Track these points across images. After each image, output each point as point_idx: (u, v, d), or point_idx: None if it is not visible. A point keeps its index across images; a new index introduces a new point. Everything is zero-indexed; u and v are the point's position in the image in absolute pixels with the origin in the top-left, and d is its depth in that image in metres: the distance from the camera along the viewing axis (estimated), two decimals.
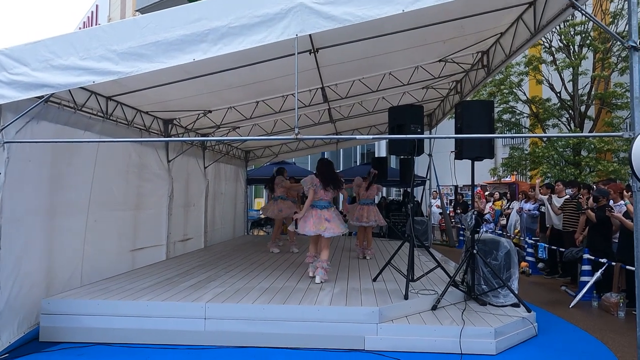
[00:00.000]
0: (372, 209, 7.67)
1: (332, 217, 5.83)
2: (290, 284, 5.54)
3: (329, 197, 5.95)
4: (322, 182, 5.86)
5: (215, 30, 3.68)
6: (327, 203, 5.91)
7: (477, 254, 5.25)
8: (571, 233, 7.51)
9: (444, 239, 14.34)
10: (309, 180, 5.98)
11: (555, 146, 13.15)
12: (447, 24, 5.45)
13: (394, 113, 5.72)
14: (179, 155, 8.05)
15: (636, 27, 3.40)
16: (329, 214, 5.84)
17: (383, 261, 6.28)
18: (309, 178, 6.01)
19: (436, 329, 4.38)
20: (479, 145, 5.07)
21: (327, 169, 6.00)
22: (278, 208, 8.35)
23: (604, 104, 13.66)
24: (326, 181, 5.87)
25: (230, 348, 4.35)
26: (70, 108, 5.16)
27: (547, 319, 5.46)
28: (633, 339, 4.05)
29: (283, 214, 8.37)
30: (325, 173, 5.94)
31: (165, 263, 7.16)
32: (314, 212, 5.83)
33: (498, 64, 6.67)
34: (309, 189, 5.90)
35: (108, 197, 6.03)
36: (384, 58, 6.56)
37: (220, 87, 6.46)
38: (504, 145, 19.48)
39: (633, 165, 2.88)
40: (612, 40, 12.62)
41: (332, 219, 5.82)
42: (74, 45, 3.79)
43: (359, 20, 3.61)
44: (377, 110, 9.68)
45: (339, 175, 6.20)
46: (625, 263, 5.82)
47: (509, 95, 14.62)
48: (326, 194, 5.90)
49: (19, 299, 4.40)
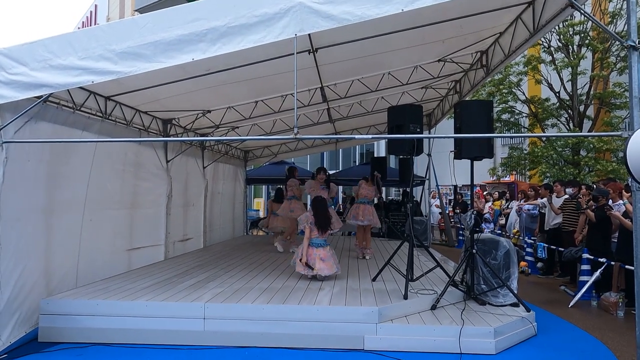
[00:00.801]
0: (367, 208, 7.67)
1: (327, 257, 5.85)
2: (290, 284, 5.53)
3: (324, 236, 5.97)
4: (317, 223, 5.90)
5: (214, 30, 3.67)
6: (322, 241, 5.93)
7: (476, 253, 5.25)
8: (571, 233, 7.52)
9: (444, 238, 14.34)
10: (304, 218, 6.08)
11: (554, 146, 13.16)
12: (446, 24, 5.45)
13: (393, 113, 5.72)
14: (177, 155, 8.04)
15: (635, 26, 3.40)
16: (324, 253, 5.85)
17: (382, 261, 6.28)
18: (304, 216, 6.09)
19: (435, 328, 4.38)
20: (478, 145, 5.07)
21: (322, 208, 6.00)
22: (289, 208, 8.35)
23: (602, 103, 13.67)
24: (320, 223, 5.90)
25: (229, 348, 4.35)
26: (69, 108, 5.15)
27: (546, 319, 5.46)
28: (632, 338, 4.05)
29: (294, 214, 8.34)
30: (319, 214, 5.95)
31: (164, 263, 7.16)
32: (310, 251, 5.85)
33: (497, 64, 6.67)
34: (304, 226, 5.97)
35: (105, 197, 6.02)
36: (383, 57, 6.56)
37: (219, 87, 6.45)
38: (503, 145, 19.49)
39: (628, 164, 2.88)
40: (611, 39, 12.63)
41: (327, 258, 5.84)
42: (72, 45, 3.78)
43: (358, 19, 3.60)
44: (376, 110, 9.68)
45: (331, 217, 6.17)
46: (624, 263, 5.82)
47: (508, 95, 14.63)
48: (322, 235, 5.92)
49: (19, 299, 4.39)
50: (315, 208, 5.99)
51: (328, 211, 6.18)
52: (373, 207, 7.87)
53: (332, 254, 5.95)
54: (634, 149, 2.85)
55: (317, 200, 6.08)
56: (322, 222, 5.92)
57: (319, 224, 5.89)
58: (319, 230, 5.90)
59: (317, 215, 5.93)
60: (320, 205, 6.02)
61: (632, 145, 2.88)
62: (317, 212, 5.95)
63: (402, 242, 6.06)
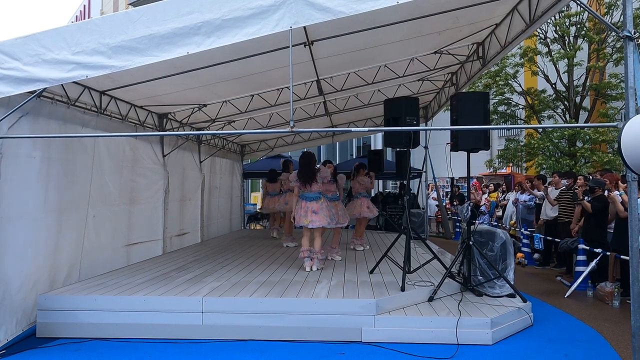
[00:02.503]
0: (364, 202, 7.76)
1: (320, 209, 5.89)
2: (288, 277, 5.55)
3: (317, 189, 6.00)
4: (299, 174, 6.01)
5: (208, 23, 3.64)
6: (316, 194, 5.97)
7: (473, 245, 5.28)
8: (567, 224, 7.55)
9: (440, 230, 14.39)
10: (291, 176, 6.19)
11: (551, 137, 13.19)
12: (441, 15, 5.43)
13: (389, 105, 5.71)
14: (174, 150, 8.01)
15: (631, 17, 3.39)
16: (317, 206, 5.91)
17: (380, 253, 6.30)
18: (292, 174, 6.21)
19: (433, 320, 4.41)
20: (474, 136, 5.07)
21: (305, 162, 6.09)
22: (284, 201, 8.44)
23: (599, 94, 13.68)
24: (301, 175, 5.98)
25: (228, 341, 4.36)
26: (63, 103, 5.12)
27: (542, 309, 5.50)
28: (627, 327, 4.08)
29: (289, 206, 8.37)
30: (302, 167, 6.05)
31: (161, 258, 7.16)
32: (302, 204, 5.97)
33: (493, 56, 6.66)
34: (293, 185, 6.10)
35: (104, 193, 6.02)
36: (379, 50, 6.54)
37: (215, 81, 6.42)
38: (499, 136, 19.51)
39: (623, 154, 2.88)
40: (607, 30, 12.63)
41: (320, 210, 5.88)
42: (65, 39, 3.74)
43: (354, 12, 3.58)
44: (372, 103, 9.66)
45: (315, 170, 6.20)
46: (619, 253, 5.87)
47: (505, 86, 14.62)
48: (313, 187, 5.96)
49: (18, 296, 4.39)
50: (299, 162, 6.14)
51: (312, 165, 6.16)
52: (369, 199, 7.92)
53: (326, 207, 5.98)
54: (627, 139, 2.86)
55: (303, 155, 6.20)
56: (303, 175, 5.97)
57: (300, 175, 5.98)
58: (301, 183, 5.97)
59: (300, 168, 6.06)
60: (304, 160, 6.11)
61: (625, 135, 2.89)
62: (300, 165, 6.09)
63: (400, 234, 6.08)
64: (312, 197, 5.97)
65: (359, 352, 4.11)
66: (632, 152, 2.82)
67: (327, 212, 5.94)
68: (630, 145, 2.83)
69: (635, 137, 2.79)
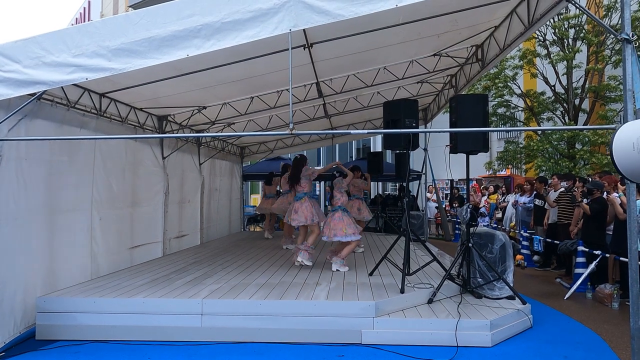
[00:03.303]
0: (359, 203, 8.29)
1: (300, 208, 6.29)
2: (287, 280, 5.55)
3: (305, 189, 6.43)
4: (288, 182, 6.58)
5: (208, 26, 3.66)
6: (301, 194, 6.41)
7: (472, 247, 5.28)
8: (566, 225, 7.56)
9: (440, 232, 14.39)
10: (283, 180, 6.84)
11: (550, 139, 13.20)
12: (441, 18, 5.44)
13: (388, 107, 5.71)
14: (174, 152, 8.02)
15: (629, 19, 3.41)
16: (298, 205, 6.34)
17: (379, 255, 6.30)
18: (284, 178, 6.80)
19: (432, 322, 4.41)
20: (473, 139, 5.08)
21: (294, 165, 6.56)
22: (280, 202, 8.63)
23: (597, 97, 13.71)
24: (290, 182, 6.55)
25: (227, 344, 4.36)
26: (63, 105, 5.12)
27: (542, 311, 5.51)
28: (627, 329, 4.08)
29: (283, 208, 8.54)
30: (290, 174, 6.62)
31: (161, 260, 7.16)
32: (292, 204, 6.50)
33: (492, 58, 6.67)
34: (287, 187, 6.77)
35: (109, 196, 6.06)
36: (379, 52, 6.56)
37: (215, 83, 6.43)
38: (499, 139, 19.54)
39: (614, 159, 2.89)
40: (606, 33, 12.65)
41: (299, 209, 6.29)
42: (65, 41, 3.75)
43: (353, 15, 3.60)
44: (372, 105, 9.67)
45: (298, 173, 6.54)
46: (619, 255, 5.88)
47: (504, 89, 14.64)
48: (298, 188, 6.42)
49: (17, 299, 4.38)
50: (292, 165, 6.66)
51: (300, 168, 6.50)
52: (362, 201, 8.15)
53: (307, 205, 6.32)
54: (619, 145, 2.87)
55: (293, 160, 6.65)
56: (289, 178, 6.55)
57: (288, 179, 6.55)
58: (290, 186, 6.54)
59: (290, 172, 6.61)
60: (293, 164, 6.62)
61: (617, 142, 2.90)
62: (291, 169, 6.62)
63: (399, 236, 6.08)
64: (298, 197, 6.43)
65: (359, 354, 4.11)
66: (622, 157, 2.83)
67: (307, 210, 6.29)
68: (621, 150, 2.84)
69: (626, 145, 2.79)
